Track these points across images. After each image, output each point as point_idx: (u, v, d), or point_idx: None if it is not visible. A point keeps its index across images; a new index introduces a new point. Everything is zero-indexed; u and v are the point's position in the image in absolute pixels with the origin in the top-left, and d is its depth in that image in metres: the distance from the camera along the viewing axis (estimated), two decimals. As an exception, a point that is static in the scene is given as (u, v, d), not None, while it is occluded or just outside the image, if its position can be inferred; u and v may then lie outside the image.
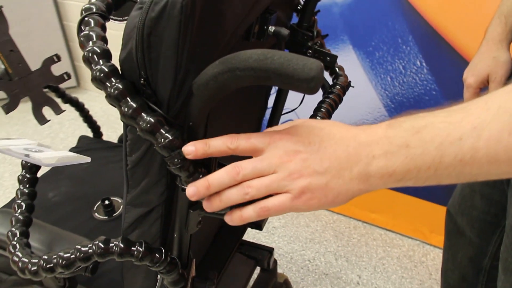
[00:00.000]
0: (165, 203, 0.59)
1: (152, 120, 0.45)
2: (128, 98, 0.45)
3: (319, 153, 0.41)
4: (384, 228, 1.78)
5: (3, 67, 0.92)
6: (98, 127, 1.32)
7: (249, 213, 0.44)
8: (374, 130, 0.42)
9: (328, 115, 0.73)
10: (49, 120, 0.97)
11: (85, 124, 1.30)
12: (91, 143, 1.29)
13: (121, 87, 0.45)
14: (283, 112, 0.97)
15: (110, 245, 0.58)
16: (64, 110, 1.02)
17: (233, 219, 0.46)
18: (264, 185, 0.42)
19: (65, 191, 1.12)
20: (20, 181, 0.71)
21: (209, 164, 0.50)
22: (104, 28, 0.51)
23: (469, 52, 1.27)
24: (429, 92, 1.39)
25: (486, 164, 0.36)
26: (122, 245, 0.58)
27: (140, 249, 0.59)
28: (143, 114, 0.45)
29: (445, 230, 1.05)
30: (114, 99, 0.45)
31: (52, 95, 1.07)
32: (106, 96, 0.46)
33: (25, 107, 0.95)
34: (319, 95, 0.72)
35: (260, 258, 1.13)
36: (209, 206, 0.46)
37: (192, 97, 0.45)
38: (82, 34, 0.49)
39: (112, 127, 2.22)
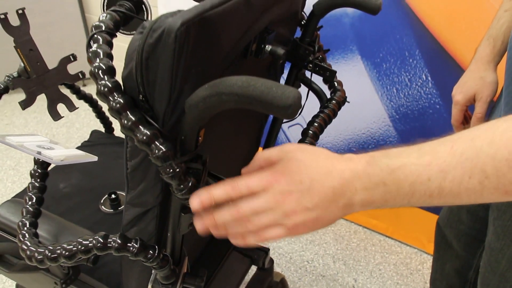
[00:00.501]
0: (161, 205, 0.64)
1: (148, 133, 0.50)
2: (128, 112, 0.50)
3: (309, 191, 0.47)
4: (383, 235, 1.82)
5: (22, 65, 0.98)
6: (110, 123, 1.38)
7: (250, 241, 0.52)
8: (356, 166, 0.47)
9: (321, 130, 0.78)
10: (63, 117, 1.03)
11: (99, 118, 1.36)
12: (103, 138, 1.36)
13: (122, 101, 0.50)
14: (284, 120, 1.01)
15: (109, 240, 0.64)
16: (77, 108, 1.08)
17: (238, 243, 0.53)
18: (264, 223, 0.49)
19: (75, 183, 1.18)
20: (32, 175, 0.77)
21: (199, 174, 0.55)
22: (110, 45, 0.56)
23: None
24: (433, 106, 1.41)
25: (450, 198, 0.43)
26: (119, 241, 0.64)
27: (136, 246, 0.64)
28: (140, 127, 0.50)
29: (435, 242, 1.09)
30: (116, 112, 0.51)
31: (67, 91, 1.13)
32: (108, 109, 0.51)
33: (43, 96, 1.01)
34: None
35: (255, 257, 1.18)
36: (216, 233, 0.53)
37: (185, 114, 0.50)
38: (90, 50, 0.54)
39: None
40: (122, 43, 0.71)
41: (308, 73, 0.92)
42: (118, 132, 1.42)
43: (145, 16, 0.66)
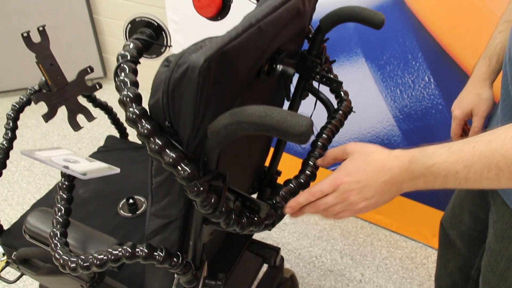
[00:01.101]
0: (183, 217, 0.70)
1: (174, 156, 0.55)
2: (155, 137, 0.56)
3: (366, 187, 0.63)
4: (389, 230, 1.87)
5: (43, 78, 1.03)
6: (125, 128, 1.43)
7: (331, 219, 0.77)
8: (402, 164, 0.61)
9: (329, 141, 0.83)
10: (83, 127, 1.08)
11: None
12: (118, 143, 1.41)
13: (149, 127, 0.55)
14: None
15: (136, 250, 0.69)
16: (96, 118, 1.14)
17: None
18: (336, 211, 0.67)
19: (94, 188, 1.24)
20: (59, 188, 0.83)
21: (220, 191, 0.60)
22: (136, 73, 0.61)
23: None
24: (436, 106, 1.46)
25: (476, 184, 0.57)
26: (146, 250, 0.69)
27: (161, 254, 0.70)
28: (167, 150, 0.56)
29: (439, 241, 1.14)
30: (144, 137, 0.56)
31: (83, 100, 1.19)
32: (137, 134, 0.56)
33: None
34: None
35: (267, 256, 1.24)
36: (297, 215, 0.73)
37: (207, 139, 0.55)
38: (118, 79, 0.59)
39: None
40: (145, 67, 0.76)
41: (315, 83, 0.97)
42: (132, 137, 1.48)
43: (165, 42, 0.71)
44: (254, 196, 1.22)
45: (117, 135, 1.49)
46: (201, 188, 0.56)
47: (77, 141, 2.39)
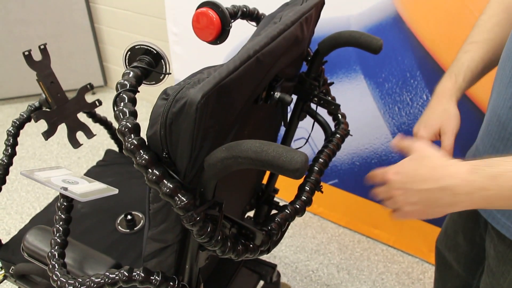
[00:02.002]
0: (180, 242, 0.71)
1: (172, 186, 0.56)
2: (153, 167, 0.56)
3: (410, 190, 0.61)
4: (386, 244, 1.88)
5: (44, 96, 1.04)
6: (124, 142, 1.44)
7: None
8: (458, 174, 0.57)
9: (325, 165, 0.83)
10: (82, 144, 1.10)
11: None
12: (117, 158, 1.42)
13: (147, 158, 0.56)
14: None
15: (133, 273, 0.70)
16: (95, 135, 1.15)
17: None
18: (389, 206, 0.66)
19: (92, 203, 1.24)
20: (58, 208, 0.83)
21: (216, 219, 0.61)
22: (134, 102, 0.62)
23: (471, 91, 1.35)
24: (433, 124, 1.47)
25: None
26: (143, 274, 0.70)
27: (158, 278, 0.70)
28: (164, 181, 0.56)
29: (435, 262, 1.14)
30: (142, 167, 0.57)
31: (83, 115, 1.20)
32: (135, 164, 0.57)
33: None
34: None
35: (263, 273, 1.25)
36: None
37: (204, 171, 0.56)
38: (117, 109, 0.60)
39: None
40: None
41: (313, 105, 0.98)
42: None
43: (164, 69, 0.72)
44: (252, 213, 1.23)
45: (117, 149, 1.50)
46: (198, 218, 0.57)
47: (76, 151, 2.40)
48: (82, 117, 1.12)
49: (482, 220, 0.89)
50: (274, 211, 0.85)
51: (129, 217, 1.16)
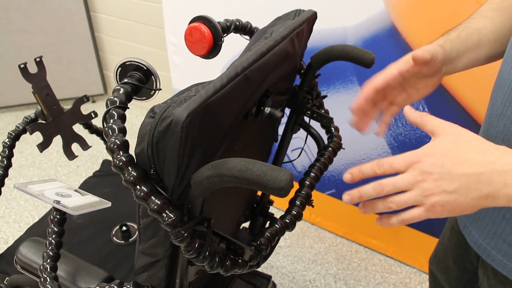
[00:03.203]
0: (170, 257, 0.71)
1: (159, 203, 0.57)
2: (141, 184, 0.57)
3: (449, 174, 0.50)
4: (384, 254, 1.87)
5: (39, 108, 1.05)
6: (121, 153, 1.45)
7: (393, 222, 0.58)
8: (510, 159, 0.49)
9: (317, 179, 0.84)
10: (77, 156, 1.10)
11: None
12: (114, 168, 1.42)
13: (135, 174, 0.57)
14: (284, 161, 1.08)
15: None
16: (91, 146, 1.15)
17: (383, 224, 0.60)
18: (403, 201, 0.54)
19: (88, 214, 1.24)
20: (51, 221, 0.84)
21: (204, 235, 0.62)
22: (124, 118, 0.63)
23: (467, 102, 1.35)
24: (426, 134, 1.47)
25: None
26: (132, 289, 0.70)
27: (147, 293, 0.71)
28: (152, 197, 0.57)
29: (429, 281, 1.13)
30: (130, 184, 0.57)
31: (79, 127, 1.21)
32: (123, 181, 0.58)
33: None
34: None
35: (258, 284, 1.25)
36: (363, 210, 0.61)
37: (190, 188, 0.57)
38: (106, 126, 0.60)
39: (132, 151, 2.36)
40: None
41: (307, 118, 0.98)
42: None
43: (154, 85, 0.73)
44: (247, 224, 1.24)
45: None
46: (185, 234, 0.58)
47: (76, 159, 2.41)
48: (78, 128, 1.13)
49: (473, 251, 0.85)
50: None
51: (124, 228, 1.17)
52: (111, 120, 0.61)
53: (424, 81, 0.77)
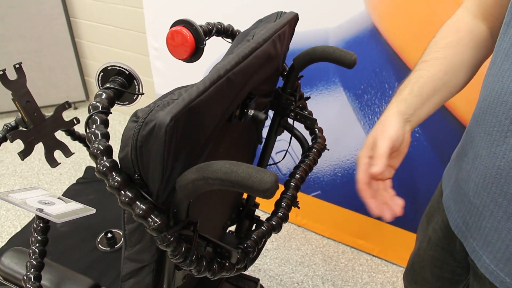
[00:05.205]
0: (157, 262, 0.70)
1: (144, 208, 0.56)
2: (125, 189, 0.56)
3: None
4: (370, 254, 1.89)
5: (20, 115, 1.03)
6: (104, 159, 1.43)
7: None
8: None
9: (302, 181, 0.84)
10: (60, 163, 1.09)
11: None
12: (97, 174, 1.41)
13: (119, 180, 0.56)
14: (269, 163, 1.08)
15: (109, 295, 0.70)
16: (73, 153, 1.14)
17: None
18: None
19: (72, 221, 1.23)
20: (34, 230, 0.83)
21: (191, 239, 0.61)
22: (107, 124, 0.62)
23: (451, 103, 1.37)
24: (413, 134, 1.48)
25: None
26: (118, 296, 0.70)
27: (134, 299, 0.70)
28: (137, 202, 0.56)
29: None
30: (115, 189, 0.57)
31: (62, 133, 1.19)
32: (107, 186, 0.57)
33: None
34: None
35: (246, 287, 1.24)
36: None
37: (175, 192, 0.56)
38: (89, 131, 0.60)
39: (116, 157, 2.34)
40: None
41: (290, 120, 0.99)
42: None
43: (136, 89, 0.72)
44: (233, 228, 1.23)
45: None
46: (171, 239, 0.57)
47: (58, 167, 2.38)
48: (61, 135, 1.12)
49: (458, 258, 0.85)
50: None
51: (109, 235, 1.15)
52: (94, 126, 0.60)
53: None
